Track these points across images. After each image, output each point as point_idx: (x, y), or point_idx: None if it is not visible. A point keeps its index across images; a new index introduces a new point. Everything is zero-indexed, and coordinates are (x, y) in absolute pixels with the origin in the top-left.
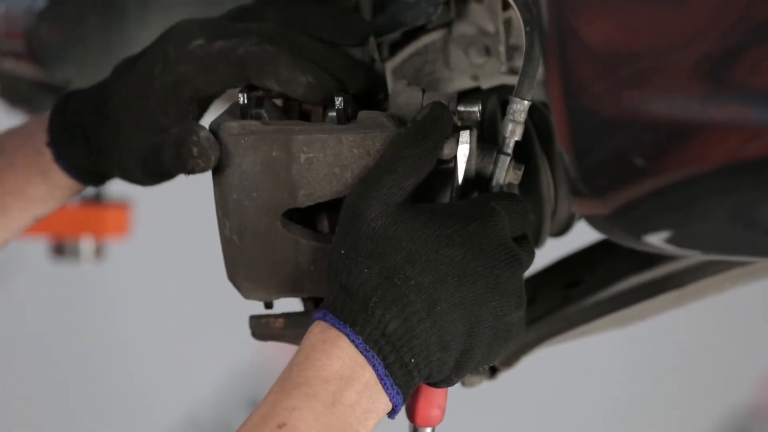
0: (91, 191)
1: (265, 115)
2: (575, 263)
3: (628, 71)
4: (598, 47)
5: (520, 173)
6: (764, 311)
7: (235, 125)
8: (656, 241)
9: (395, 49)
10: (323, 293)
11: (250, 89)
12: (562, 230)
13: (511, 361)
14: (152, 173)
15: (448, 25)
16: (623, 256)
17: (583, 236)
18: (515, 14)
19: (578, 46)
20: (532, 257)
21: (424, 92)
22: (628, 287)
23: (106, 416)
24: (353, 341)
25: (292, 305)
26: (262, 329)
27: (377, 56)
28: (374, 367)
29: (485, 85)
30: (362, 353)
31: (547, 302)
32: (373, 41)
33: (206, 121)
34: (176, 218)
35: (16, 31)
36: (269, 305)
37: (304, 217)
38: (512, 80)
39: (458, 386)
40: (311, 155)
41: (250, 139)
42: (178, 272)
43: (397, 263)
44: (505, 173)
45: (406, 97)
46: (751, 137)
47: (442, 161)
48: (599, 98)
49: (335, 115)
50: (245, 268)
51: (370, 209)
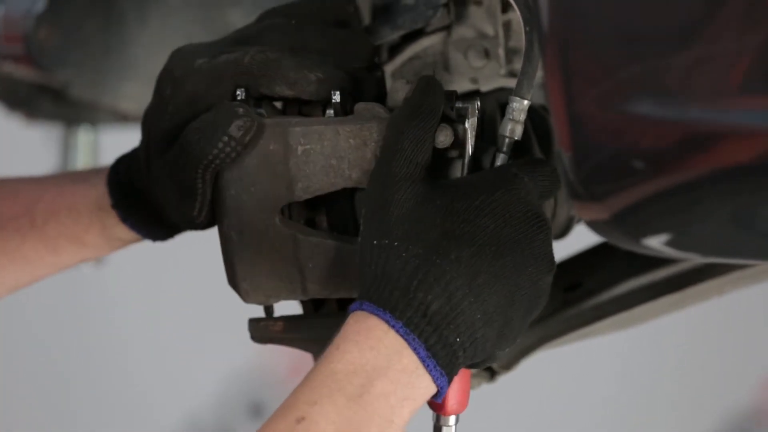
0: None
1: (263, 112)
2: (575, 266)
3: (628, 74)
4: (598, 50)
5: None
6: (764, 314)
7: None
8: (656, 244)
9: (394, 52)
10: (323, 294)
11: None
12: (561, 233)
13: (510, 364)
14: (180, 180)
15: (447, 28)
16: (623, 258)
17: (582, 239)
18: (515, 17)
19: (578, 48)
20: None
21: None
22: (627, 290)
23: (106, 419)
24: (393, 326)
25: (291, 310)
26: (261, 332)
27: (376, 60)
28: (415, 350)
29: (484, 88)
30: (403, 337)
31: (547, 304)
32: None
33: None
34: None
35: (15, 33)
36: (269, 310)
37: (302, 217)
38: (511, 83)
39: None
40: (308, 147)
41: (260, 126)
42: (178, 275)
43: (434, 240)
44: None
45: (403, 92)
46: (750, 141)
47: (442, 150)
48: (599, 101)
49: (333, 111)
50: (244, 267)
51: (398, 192)
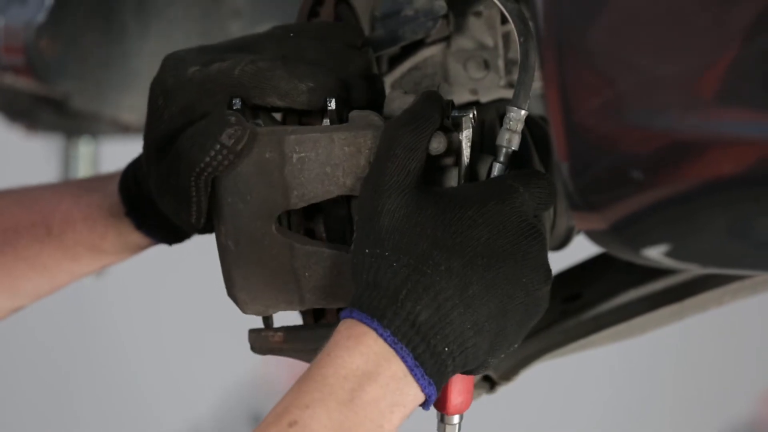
0: None
1: (261, 123)
2: (574, 277)
3: (626, 86)
4: (596, 62)
5: None
6: (763, 326)
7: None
8: (655, 254)
9: (394, 63)
10: (320, 304)
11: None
12: (561, 244)
13: (509, 375)
14: (175, 188)
15: (446, 39)
16: (622, 269)
17: (581, 250)
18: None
19: (576, 60)
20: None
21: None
22: (627, 301)
23: (108, 428)
24: (381, 335)
25: (291, 320)
26: (261, 343)
27: (376, 70)
28: (403, 358)
29: (484, 98)
30: (390, 346)
31: (546, 316)
32: (372, 55)
33: None
34: None
35: (15, 45)
36: (268, 321)
37: (300, 227)
38: (510, 94)
39: None
40: (303, 155)
41: (253, 134)
42: (178, 285)
43: (425, 251)
44: None
45: (400, 102)
46: (749, 152)
47: (435, 157)
48: (597, 113)
49: (329, 120)
50: (241, 277)
51: (388, 201)
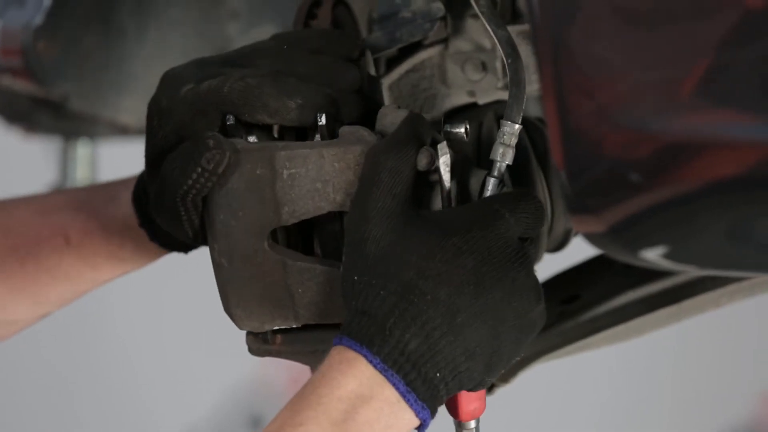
0: None
1: (255, 139)
2: (572, 278)
3: (623, 88)
4: (592, 64)
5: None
6: (762, 327)
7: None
8: (653, 256)
9: (392, 64)
10: (315, 320)
11: None
12: (558, 246)
13: (507, 376)
14: (164, 208)
15: (444, 41)
16: (620, 271)
17: (579, 251)
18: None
19: (572, 62)
20: (537, 251)
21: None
22: (625, 302)
23: (105, 431)
24: (371, 362)
25: None
26: (259, 345)
27: (374, 72)
28: (394, 385)
29: (482, 100)
30: (381, 373)
31: None
32: (369, 57)
33: None
34: None
35: (13, 47)
36: (266, 335)
37: (297, 243)
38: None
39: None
40: (293, 171)
41: (234, 156)
42: (177, 288)
43: (410, 280)
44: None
45: (392, 117)
46: (747, 154)
47: (426, 173)
48: (594, 115)
49: (319, 135)
50: (236, 293)
51: (374, 229)
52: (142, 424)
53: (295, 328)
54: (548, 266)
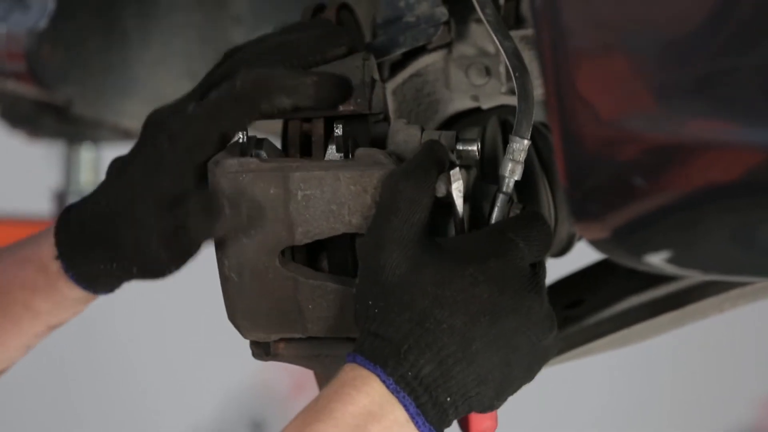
0: None
1: (264, 154)
2: (575, 283)
3: (626, 93)
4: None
5: (519, 212)
6: (764, 332)
7: (233, 162)
8: (657, 261)
9: (395, 69)
10: (323, 334)
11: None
12: (562, 251)
13: None
14: (180, 248)
15: (448, 45)
16: (624, 276)
17: (583, 256)
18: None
19: (575, 67)
20: (544, 271)
21: (423, 130)
22: (628, 307)
23: None
24: (384, 381)
25: None
26: (263, 349)
27: (377, 76)
28: (405, 406)
29: (485, 105)
30: (393, 393)
31: None
32: (373, 61)
33: None
34: None
35: (17, 51)
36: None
37: (303, 256)
38: (512, 100)
39: None
40: (308, 192)
41: (248, 176)
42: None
43: (426, 308)
44: (505, 213)
45: (404, 135)
46: (750, 158)
47: (441, 198)
48: (598, 121)
49: (335, 146)
50: (244, 306)
51: (390, 257)
52: (144, 427)
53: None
54: (552, 271)
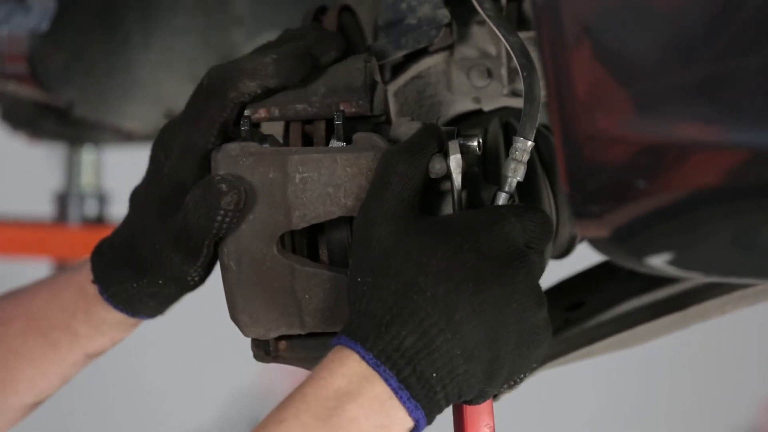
0: (93, 212)
1: (268, 146)
2: (576, 285)
3: (627, 93)
4: (597, 69)
5: None
6: (764, 334)
7: (234, 147)
8: (659, 263)
9: (397, 71)
10: (320, 328)
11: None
12: (563, 253)
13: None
14: (187, 246)
15: (449, 47)
16: (625, 278)
17: (584, 259)
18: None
19: (577, 67)
20: (543, 262)
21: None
22: (629, 309)
23: None
24: (363, 357)
25: None
26: (264, 352)
27: (379, 78)
28: (386, 380)
29: (487, 107)
30: (372, 368)
31: None
32: (375, 63)
33: None
34: None
35: (19, 53)
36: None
37: (302, 247)
38: (514, 102)
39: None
40: (306, 175)
41: (248, 160)
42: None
43: (410, 277)
44: None
45: (406, 128)
46: (752, 160)
47: (437, 181)
48: (600, 121)
49: (335, 140)
50: (243, 298)
51: (379, 229)
52: (145, 429)
53: (299, 335)
54: (553, 273)
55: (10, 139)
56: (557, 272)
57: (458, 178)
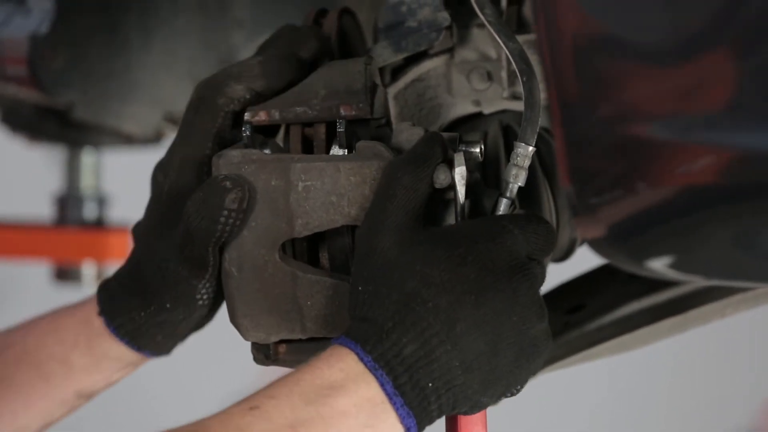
0: (92, 215)
1: (269, 152)
2: (577, 288)
3: (629, 94)
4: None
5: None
6: (764, 336)
7: (236, 154)
8: (659, 266)
9: (397, 74)
10: (322, 333)
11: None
12: (563, 256)
13: None
14: (192, 257)
15: (450, 50)
16: (625, 281)
17: (584, 262)
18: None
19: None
20: (544, 272)
21: (426, 131)
22: (629, 312)
23: None
24: (362, 359)
25: None
26: (264, 355)
27: (379, 81)
28: (382, 385)
29: (487, 110)
30: (370, 371)
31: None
32: (375, 66)
33: None
34: None
35: (18, 56)
36: (268, 349)
37: (304, 255)
38: (514, 105)
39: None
40: (309, 183)
41: (251, 167)
42: None
43: (413, 288)
44: None
45: (408, 134)
46: (754, 163)
47: (441, 191)
48: (601, 122)
49: (338, 146)
50: (244, 303)
51: (383, 240)
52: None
53: (300, 339)
54: (553, 276)
55: (10, 141)
56: (557, 275)
57: (462, 190)
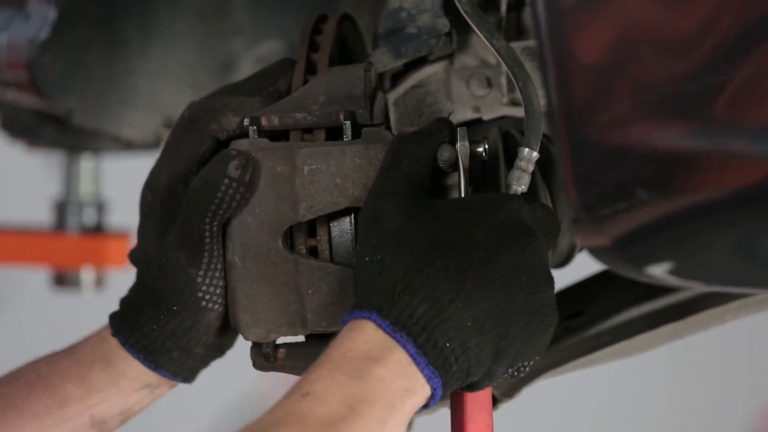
0: (91, 221)
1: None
2: (576, 294)
3: (632, 102)
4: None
5: None
6: (762, 342)
7: (244, 142)
8: (659, 272)
9: (397, 80)
10: (322, 326)
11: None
12: (563, 262)
13: (512, 392)
14: (188, 239)
15: (449, 56)
16: (624, 287)
17: (583, 268)
18: (516, 45)
19: (580, 74)
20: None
21: None
22: (629, 318)
23: None
24: (380, 326)
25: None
26: (263, 360)
27: (379, 87)
28: (404, 346)
29: (487, 116)
30: (390, 335)
31: None
32: (375, 72)
33: None
34: None
35: (18, 61)
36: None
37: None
38: (513, 111)
39: (447, 409)
40: (314, 166)
41: (257, 154)
42: None
43: (420, 251)
44: None
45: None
46: (755, 169)
47: (443, 176)
48: (603, 129)
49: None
50: (246, 295)
51: (388, 208)
52: None
53: (299, 342)
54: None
55: (9, 146)
56: (557, 281)
57: (466, 161)
